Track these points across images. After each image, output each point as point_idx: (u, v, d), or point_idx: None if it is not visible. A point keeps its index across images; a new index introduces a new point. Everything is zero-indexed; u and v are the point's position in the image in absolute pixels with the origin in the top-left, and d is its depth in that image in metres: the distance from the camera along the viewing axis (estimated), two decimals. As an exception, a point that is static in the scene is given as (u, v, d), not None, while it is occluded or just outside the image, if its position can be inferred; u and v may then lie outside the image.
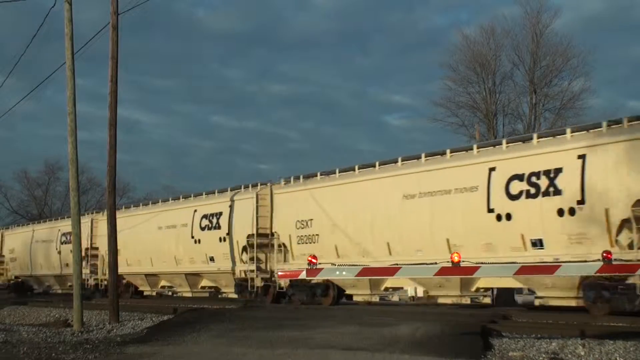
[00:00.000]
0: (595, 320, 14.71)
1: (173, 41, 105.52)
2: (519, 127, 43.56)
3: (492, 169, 17.85)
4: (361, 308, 20.76)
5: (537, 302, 17.89)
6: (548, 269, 16.51)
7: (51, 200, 71.83)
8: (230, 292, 27.30)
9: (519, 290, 21.25)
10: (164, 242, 29.58)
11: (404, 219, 19.78)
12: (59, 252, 37.89)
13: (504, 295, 21.16)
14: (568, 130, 17.04)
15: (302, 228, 23.00)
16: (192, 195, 29.70)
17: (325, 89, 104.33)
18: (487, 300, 19.88)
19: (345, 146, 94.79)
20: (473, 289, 19.15)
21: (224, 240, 26.34)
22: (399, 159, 20.72)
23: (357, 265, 20.94)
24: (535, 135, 17.92)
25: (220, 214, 26.74)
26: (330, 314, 17.62)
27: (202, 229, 27.62)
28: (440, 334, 12.55)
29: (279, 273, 23.62)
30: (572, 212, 16.10)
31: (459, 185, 18.48)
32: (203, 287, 29.48)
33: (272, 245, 24.17)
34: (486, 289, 19.37)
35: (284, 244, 23.71)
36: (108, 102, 19.11)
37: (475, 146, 19.32)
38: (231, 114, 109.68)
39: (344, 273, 21.38)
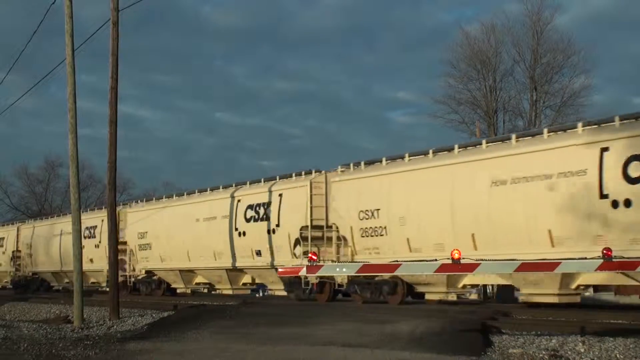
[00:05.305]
0: (596, 318, 14.71)
1: (177, 37, 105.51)
2: (520, 124, 43.62)
3: None
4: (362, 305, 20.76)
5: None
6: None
7: (51, 197, 72.10)
8: None
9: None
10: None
11: None
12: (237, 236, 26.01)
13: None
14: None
15: None
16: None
17: (329, 85, 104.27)
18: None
19: (348, 143, 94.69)
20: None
21: None
22: None
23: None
24: None
25: None
26: (331, 311, 17.64)
27: None
28: (440, 331, 12.57)
29: (279, 270, 21.38)
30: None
31: None
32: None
33: None
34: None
35: None
36: (108, 98, 19.17)
37: None
38: (235, 110, 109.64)
39: (344, 270, 18.77)
